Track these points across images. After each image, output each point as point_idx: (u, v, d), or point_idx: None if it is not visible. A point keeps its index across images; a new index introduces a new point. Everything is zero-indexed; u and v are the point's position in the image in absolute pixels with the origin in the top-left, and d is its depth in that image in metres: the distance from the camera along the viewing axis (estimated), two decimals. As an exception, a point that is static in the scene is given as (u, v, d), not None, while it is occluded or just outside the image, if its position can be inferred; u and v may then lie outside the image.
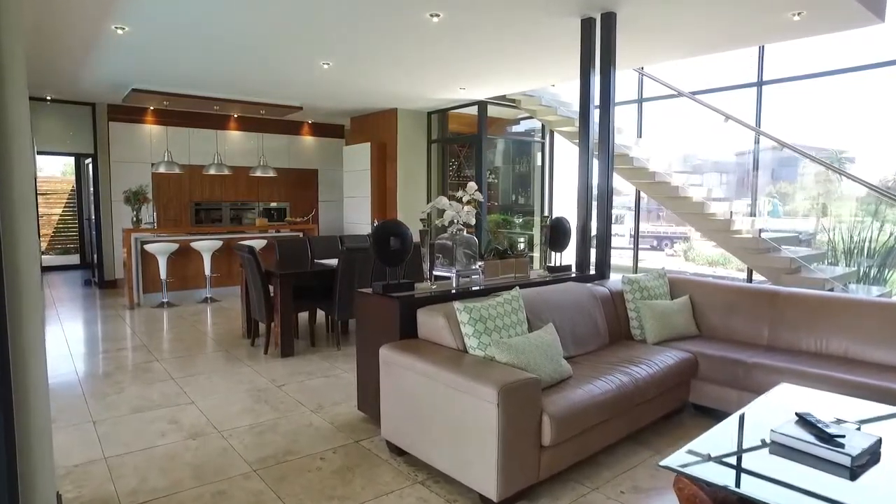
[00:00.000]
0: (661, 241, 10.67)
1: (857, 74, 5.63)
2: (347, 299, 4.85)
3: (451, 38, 4.89)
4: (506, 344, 2.67)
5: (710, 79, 6.82)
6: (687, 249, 10.57)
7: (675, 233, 10.78)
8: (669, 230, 10.72)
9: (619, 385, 2.89)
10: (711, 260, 10.54)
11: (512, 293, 3.03)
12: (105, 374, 4.22)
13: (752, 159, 6.22)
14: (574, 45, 4.63)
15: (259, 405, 3.61)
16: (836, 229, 6.23)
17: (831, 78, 5.87)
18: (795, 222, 6.94)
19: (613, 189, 4.41)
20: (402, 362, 2.76)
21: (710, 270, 10.10)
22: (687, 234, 10.80)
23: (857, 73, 5.62)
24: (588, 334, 3.52)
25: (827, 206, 6.59)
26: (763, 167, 6.45)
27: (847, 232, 6.12)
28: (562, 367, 2.84)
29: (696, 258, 10.62)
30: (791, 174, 7.14)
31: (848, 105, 6.04)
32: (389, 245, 3.16)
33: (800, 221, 6.95)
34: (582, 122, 4.36)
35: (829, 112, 6.27)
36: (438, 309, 2.95)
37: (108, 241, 8.27)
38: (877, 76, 5.55)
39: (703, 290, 4.01)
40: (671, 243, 10.73)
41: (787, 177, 7.14)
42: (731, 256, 6.23)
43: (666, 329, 3.74)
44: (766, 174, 6.69)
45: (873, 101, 5.81)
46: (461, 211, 3.54)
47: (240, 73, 6.27)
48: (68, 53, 5.42)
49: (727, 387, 3.32)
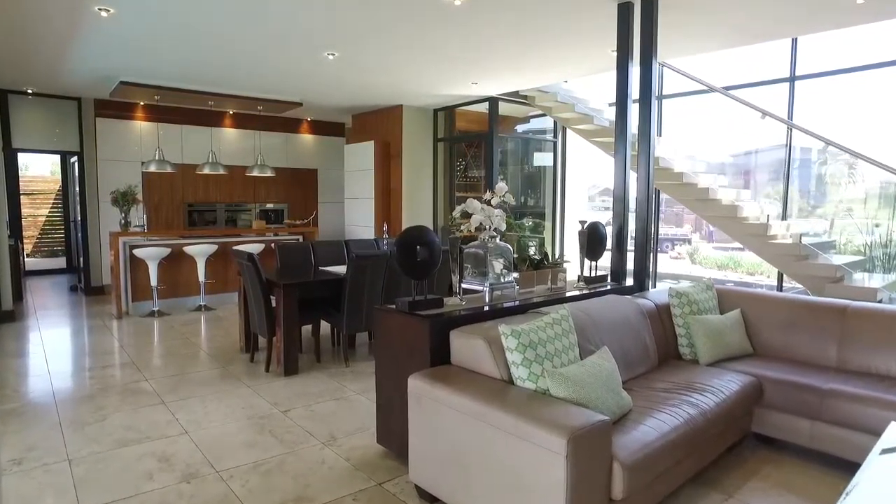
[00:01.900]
0: (663, 244, 10.30)
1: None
2: (357, 311, 4.41)
3: (471, 25, 4.46)
4: (561, 375, 2.25)
5: (730, 76, 6.44)
6: (693, 252, 10.20)
7: (675, 234, 10.45)
8: (670, 231, 10.38)
9: (688, 419, 2.47)
10: (720, 263, 10.19)
11: (561, 312, 2.60)
12: (86, 396, 3.75)
13: (786, 158, 5.83)
14: (607, 33, 4.23)
15: (262, 436, 3.17)
16: (873, 233, 5.85)
17: (869, 73, 5.49)
18: (812, 225, 6.56)
19: (650, 191, 4.01)
20: (438, 396, 2.34)
21: (721, 274, 9.75)
22: (688, 235, 10.44)
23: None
24: (638, 356, 3.11)
25: (851, 210, 6.22)
26: (776, 167, 6.07)
27: (886, 236, 5.75)
28: (623, 399, 2.42)
29: (704, 261, 10.25)
30: (806, 175, 6.75)
31: (886, 102, 5.66)
32: (416, 255, 2.74)
33: (818, 224, 6.56)
34: (619, 118, 3.96)
35: (866, 109, 5.90)
36: (476, 331, 2.53)
37: (94, 245, 7.78)
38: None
39: (756, 303, 3.61)
40: (672, 245, 10.37)
41: (809, 177, 6.75)
42: (764, 263, 5.84)
43: (719, 348, 3.33)
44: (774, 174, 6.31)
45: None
46: (493, 215, 3.12)
47: (237, 66, 5.82)
48: (48, 40, 4.95)
49: (798, 416, 2.91)
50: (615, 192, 4.03)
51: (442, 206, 8.42)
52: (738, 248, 10.41)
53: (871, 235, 5.81)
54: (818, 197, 6.52)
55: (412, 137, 8.14)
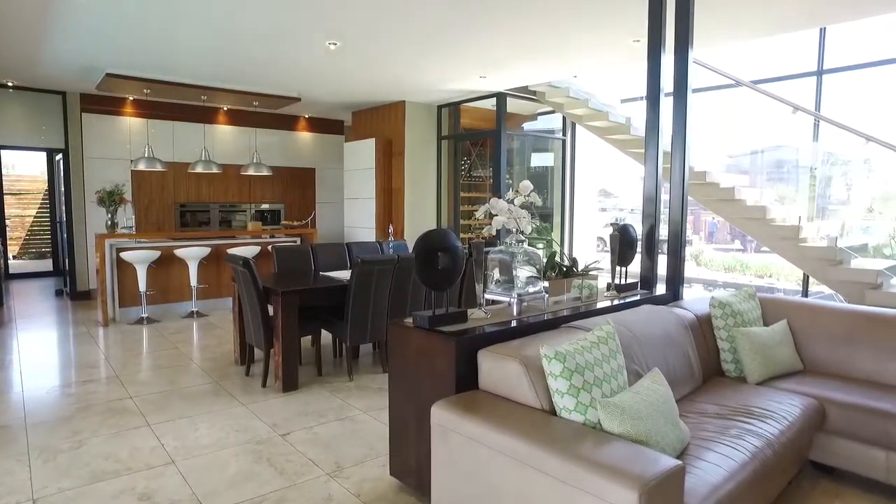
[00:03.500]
0: (661, 244, 9.98)
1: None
2: (362, 321, 4.05)
3: (485, 6, 4.12)
4: (616, 406, 1.90)
5: (751, 71, 6.13)
6: (698, 254, 9.90)
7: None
8: (667, 232, 10.02)
9: (755, 452, 2.13)
10: (727, 266, 9.88)
11: (605, 329, 2.26)
12: (62, 418, 3.38)
13: (814, 156, 5.52)
14: (628, 18, 3.89)
15: (260, 465, 2.80)
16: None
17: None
18: (838, 226, 6.24)
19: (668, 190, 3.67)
20: (469, 431, 1.98)
21: (729, 277, 9.45)
22: (689, 237, 10.10)
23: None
24: (683, 375, 2.77)
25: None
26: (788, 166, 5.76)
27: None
28: (682, 431, 2.08)
29: (709, 263, 9.95)
30: (832, 173, 6.43)
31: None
32: (437, 263, 2.38)
33: (849, 225, 6.25)
34: (650, 111, 3.61)
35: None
36: (509, 352, 2.17)
37: (80, 247, 7.38)
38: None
39: (805, 313, 3.27)
40: (671, 246, 10.02)
41: (834, 176, 6.43)
42: (791, 267, 5.53)
43: (770, 365, 2.99)
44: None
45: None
46: (520, 217, 2.78)
47: (232, 57, 5.45)
48: (19, 24, 4.56)
49: (870, 445, 2.57)
50: (646, 191, 3.69)
51: (446, 207, 8.07)
52: (739, 249, 10.14)
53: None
54: (843, 197, 6.21)
55: (415, 135, 7.78)
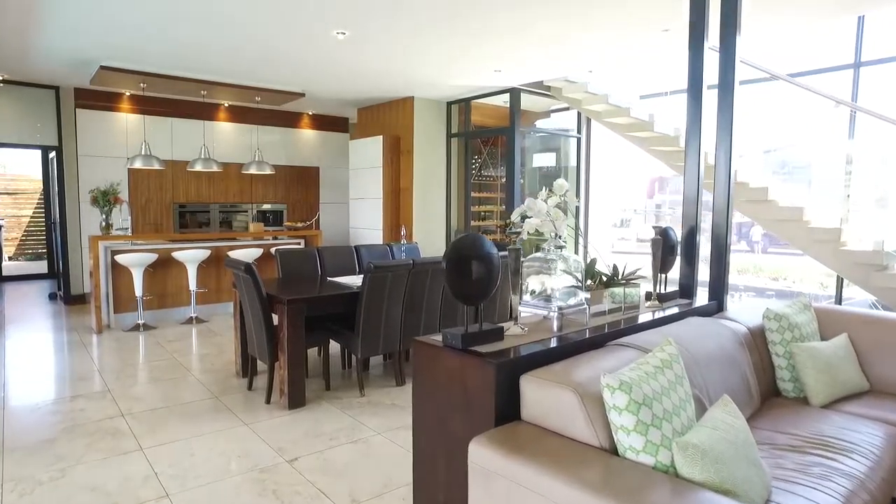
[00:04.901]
0: None
1: None
2: (374, 332, 3.74)
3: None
4: (695, 448, 1.59)
5: (782, 65, 5.81)
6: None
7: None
8: (675, 233, 9.73)
9: (848, 496, 1.82)
10: (740, 268, 9.56)
11: (668, 350, 1.94)
12: (45, 441, 3.06)
13: (851, 153, 5.20)
14: (664, 6, 3.57)
15: (264, 499, 2.49)
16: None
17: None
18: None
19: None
20: (516, 475, 1.67)
21: (742, 280, 9.13)
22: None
23: None
24: (743, 398, 2.46)
25: None
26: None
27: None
28: (765, 473, 1.77)
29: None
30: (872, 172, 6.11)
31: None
32: (471, 273, 2.07)
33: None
34: (692, 105, 3.31)
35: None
36: (559, 378, 1.86)
37: (74, 249, 7.08)
38: None
39: (867, 326, 2.96)
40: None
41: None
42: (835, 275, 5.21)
43: (836, 385, 2.68)
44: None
45: None
46: (558, 219, 2.46)
47: (233, 49, 5.14)
48: (9, 12, 4.26)
49: (959, 480, 2.26)
50: (686, 192, 3.39)
51: (456, 207, 7.75)
52: (746, 251, 9.80)
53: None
54: (883, 197, 5.89)
55: (424, 132, 7.47)
